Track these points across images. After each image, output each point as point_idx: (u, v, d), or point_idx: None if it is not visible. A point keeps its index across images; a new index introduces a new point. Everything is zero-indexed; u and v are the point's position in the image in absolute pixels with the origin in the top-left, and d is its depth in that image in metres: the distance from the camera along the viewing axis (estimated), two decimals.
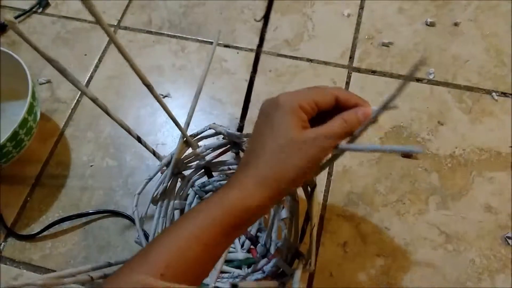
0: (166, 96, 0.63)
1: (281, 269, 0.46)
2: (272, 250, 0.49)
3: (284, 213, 0.47)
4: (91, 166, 0.59)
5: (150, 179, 0.45)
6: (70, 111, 0.63)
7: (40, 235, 0.54)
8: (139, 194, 0.44)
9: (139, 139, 0.40)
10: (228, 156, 0.49)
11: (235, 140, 0.44)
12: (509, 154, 0.55)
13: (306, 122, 0.30)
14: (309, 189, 0.39)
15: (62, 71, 0.29)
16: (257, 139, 0.32)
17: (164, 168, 0.46)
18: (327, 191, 0.55)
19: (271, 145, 0.30)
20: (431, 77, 0.61)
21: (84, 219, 0.55)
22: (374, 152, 0.27)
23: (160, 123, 0.62)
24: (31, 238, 0.54)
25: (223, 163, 0.50)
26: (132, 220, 0.54)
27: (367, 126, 0.28)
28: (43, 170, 0.59)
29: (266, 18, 0.32)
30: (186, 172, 0.51)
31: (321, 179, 0.55)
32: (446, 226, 0.52)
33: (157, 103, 0.36)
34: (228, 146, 0.46)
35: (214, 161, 0.49)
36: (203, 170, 0.51)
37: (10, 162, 0.55)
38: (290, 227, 0.46)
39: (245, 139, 0.43)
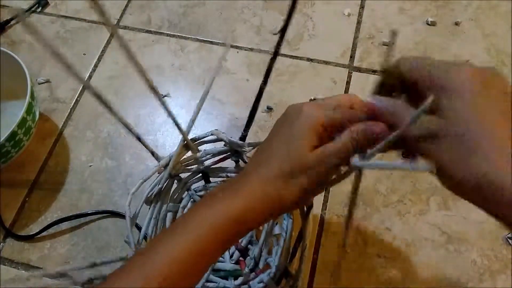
0: (165, 96, 0.63)
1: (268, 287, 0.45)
2: (261, 265, 0.48)
3: (277, 229, 0.46)
4: (90, 166, 0.59)
5: (146, 179, 0.44)
6: (69, 110, 0.63)
7: (39, 236, 0.54)
8: (133, 194, 0.42)
9: (139, 138, 0.40)
10: (228, 163, 0.48)
11: (236, 148, 0.43)
12: None
13: (323, 139, 0.29)
14: (305, 208, 0.38)
15: (68, 67, 0.29)
16: (273, 141, 0.31)
17: (162, 169, 0.45)
18: (327, 191, 0.54)
19: (282, 158, 0.29)
20: None
21: (83, 220, 0.55)
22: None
23: (159, 123, 0.61)
24: (29, 238, 0.54)
25: (222, 169, 0.49)
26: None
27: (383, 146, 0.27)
28: (41, 170, 0.59)
29: (283, 31, 0.31)
30: (183, 175, 0.49)
31: None
32: (447, 227, 0.51)
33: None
34: (229, 153, 0.45)
35: (213, 166, 0.48)
36: (200, 174, 0.51)
37: (9, 162, 0.54)
38: (281, 244, 0.45)
39: (247, 148, 0.42)
